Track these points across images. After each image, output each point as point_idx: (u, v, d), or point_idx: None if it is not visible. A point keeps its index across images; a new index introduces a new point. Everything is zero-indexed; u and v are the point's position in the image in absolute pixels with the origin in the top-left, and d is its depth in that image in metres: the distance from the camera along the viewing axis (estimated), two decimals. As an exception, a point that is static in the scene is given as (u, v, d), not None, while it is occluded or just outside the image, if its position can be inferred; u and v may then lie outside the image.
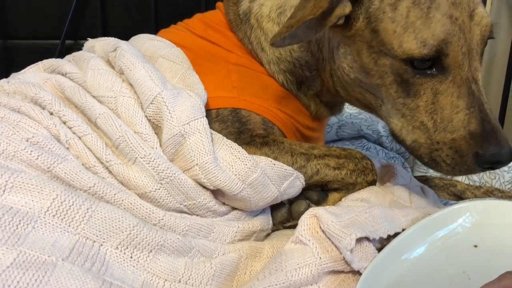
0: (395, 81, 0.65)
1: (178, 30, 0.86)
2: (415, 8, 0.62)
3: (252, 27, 0.80)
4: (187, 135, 0.61)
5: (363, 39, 0.66)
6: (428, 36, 0.61)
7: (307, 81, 0.79)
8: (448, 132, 0.62)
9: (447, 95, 0.63)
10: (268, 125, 0.75)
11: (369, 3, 0.65)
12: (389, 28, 0.63)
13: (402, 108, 0.66)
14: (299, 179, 0.69)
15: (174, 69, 0.73)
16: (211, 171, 0.61)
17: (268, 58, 0.79)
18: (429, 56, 0.61)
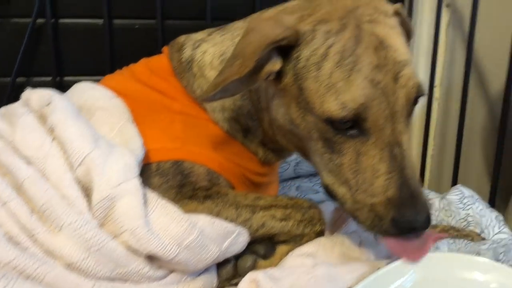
0: (320, 137, 0.64)
1: (122, 76, 0.83)
2: (338, 69, 0.60)
3: (195, 75, 0.78)
4: (117, 198, 0.58)
5: (291, 94, 0.65)
6: (348, 99, 0.59)
7: (251, 129, 0.78)
8: (368, 196, 0.61)
9: (368, 157, 0.61)
10: (213, 175, 0.73)
11: (296, 61, 0.64)
12: (312, 87, 0.62)
13: (329, 163, 0.64)
14: (242, 236, 0.66)
15: (112, 122, 0.70)
16: (143, 237, 0.58)
17: (212, 106, 0.77)
18: (347, 119, 0.60)
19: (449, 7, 1.38)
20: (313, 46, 0.62)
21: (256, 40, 0.61)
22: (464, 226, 0.97)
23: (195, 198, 0.68)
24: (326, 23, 0.63)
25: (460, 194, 1.01)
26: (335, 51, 0.61)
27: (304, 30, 0.63)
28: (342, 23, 0.63)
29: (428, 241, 0.63)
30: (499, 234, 0.95)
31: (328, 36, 0.62)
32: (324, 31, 0.62)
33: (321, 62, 0.61)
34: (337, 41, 0.61)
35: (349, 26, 0.62)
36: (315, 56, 0.62)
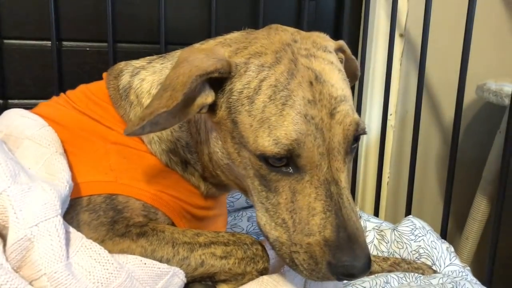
0: (256, 175, 0.61)
1: (58, 104, 0.79)
2: (271, 103, 0.58)
3: (132, 103, 0.74)
4: (35, 239, 0.53)
5: (226, 128, 0.63)
6: (280, 134, 0.57)
7: (190, 162, 0.74)
8: (304, 235, 0.58)
9: (304, 195, 0.59)
10: (150, 210, 0.69)
11: (230, 93, 0.61)
12: (246, 121, 0.60)
13: (266, 203, 0.62)
14: (178, 276, 0.62)
15: (39, 153, 0.65)
16: (62, 282, 0.52)
17: (149, 137, 0.73)
18: (281, 155, 0.58)
19: (402, 37, 1.41)
20: (246, 79, 0.60)
21: (186, 72, 0.58)
22: (416, 258, 0.95)
23: (127, 236, 0.63)
24: (260, 56, 0.62)
25: (412, 225, 1.00)
26: (268, 84, 0.59)
27: (237, 62, 0.61)
28: (277, 56, 0.61)
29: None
30: (450, 266, 0.94)
31: (261, 69, 0.60)
32: (258, 64, 0.61)
33: (254, 96, 0.59)
34: (271, 75, 0.60)
35: (284, 60, 0.61)
36: (248, 89, 0.60)
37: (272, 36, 0.64)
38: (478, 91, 1.24)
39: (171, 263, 0.63)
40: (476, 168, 1.39)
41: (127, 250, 0.62)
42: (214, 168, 0.71)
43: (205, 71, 0.58)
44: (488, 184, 1.29)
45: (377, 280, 0.82)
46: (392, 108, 1.43)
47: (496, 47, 1.34)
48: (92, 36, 1.29)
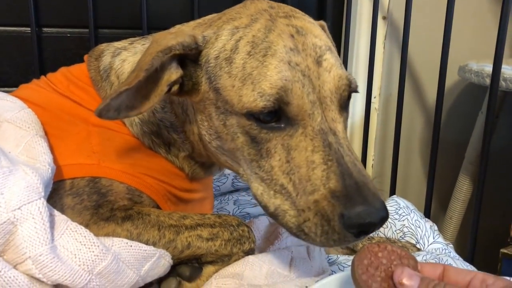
0: (246, 141, 0.59)
1: (38, 86, 0.77)
2: (251, 58, 0.57)
3: (112, 84, 0.73)
4: (18, 222, 0.53)
5: (210, 102, 0.62)
6: (265, 86, 0.55)
7: (176, 143, 0.73)
8: (309, 194, 0.53)
9: (300, 150, 0.55)
10: (135, 193, 0.68)
11: (207, 64, 0.61)
12: (227, 83, 0.58)
13: (259, 172, 0.59)
14: (164, 258, 0.62)
15: (19, 135, 0.64)
16: (47, 265, 0.52)
17: (129, 120, 0.72)
18: (269, 108, 0.55)
19: (385, 19, 1.41)
20: (219, 44, 0.60)
21: (153, 51, 0.58)
22: (400, 237, 0.97)
23: (112, 220, 0.63)
24: (234, 21, 0.61)
25: (396, 205, 1.01)
26: (245, 42, 0.58)
27: (204, 34, 0.61)
28: (252, 18, 0.61)
29: None
30: (434, 244, 0.96)
31: (235, 31, 0.60)
32: (230, 28, 0.60)
33: (232, 56, 0.58)
34: (247, 33, 0.59)
35: (260, 19, 0.60)
36: (225, 51, 0.59)
37: (248, 5, 0.64)
38: (460, 72, 1.25)
39: (157, 246, 0.63)
40: (459, 148, 1.41)
41: (112, 234, 0.62)
42: (205, 149, 0.70)
43: (166, 46, 0.57)
44: (471, 164, 1.31)
45: (363, 259, 0.84)
46: (376, 90, 1.43)
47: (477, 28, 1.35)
48: (73, 22, 1.27)
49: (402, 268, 0.48)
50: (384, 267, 0.49)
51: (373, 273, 0.48)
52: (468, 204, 1.37)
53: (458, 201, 1.37)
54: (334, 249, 0.91)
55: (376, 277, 0.48)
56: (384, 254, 0.49)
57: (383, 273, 0.48)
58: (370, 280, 0.48)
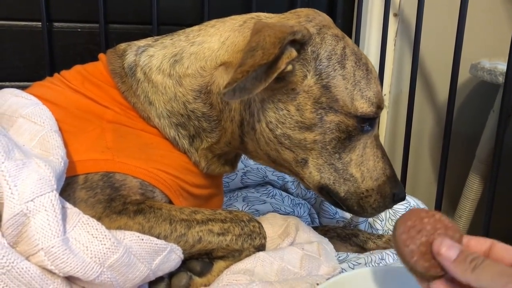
0: (338, 137, 0.69)
1: (52, 83, 0.77)
2: (358, 68, 0.68)
3: (139, 80, 0.74)
4: (31, 214, 0.53)
5: (310, 95, 0.67)
6: (371, 95, 0.68)
7: (203, 133, 0.75)
8: (374, 180, 0.71)
9: (371, 147, 0.71)
10: (148, 188, 0.68)
11: (318, 61, 0.67)
12: (341, 85, 0.67)
13: (337, 163, 0.70)
14: (175, 252, 0.62)
15: (34, 130, 0.64)
16: (59, 256, 0.52)
17: (157, 112, 0.74)
18: (374, 114, 0.69)
19: (396, 16, 1.40)
20: (329, 47, 0.68)
21: (273, 33, 0.61)
22: (410, 235, 0.96)
23: (125, 213, 0.63)
24: (330, 29, 0.70)
25: (406, 204, 1.00)
26: (349, 52, 0.69)
27: (312, 31, 0.68)
28: (339, 31, 0.71)
29: None
30: (444, 243, 0.95)
31: (337, 39, 0.69)
32: (332, 35, 0.69)
33: (343, 61, 0.68)
34: (347, 45, 0.70)
35: (345, 35, 0.71)
36: (336, 55, 0.68)
37: (321, 14, 0.73)
38: (472, 70, 1.24)
39: (168, 240, 0.63)
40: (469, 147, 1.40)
41: (124, 227, 0.62)
42: (244, 135, 0.74)
43: (292, 30, 0.62)
44: (481, 163, 1.30)
45: (372, 257, 0.83)
46: (386, 88, 1.43)
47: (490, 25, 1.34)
48: (83, 17, 1.27)
49: (443, 237, 0.47)
50: (426, 233, 0.48)
51: (413, 235, 0.48)
52: (478, 203, 1.36)
53: (468, 200, 1.35)
54: (344, 247, 0.91)
55: (415, 240, 0.47)
56: (430, 221, 0.49)
57: (424, 237, 0.48)
58: (409, 241, 0.47)
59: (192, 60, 0.73)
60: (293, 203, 1.05)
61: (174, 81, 0.74)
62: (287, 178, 1.11)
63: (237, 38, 0.72)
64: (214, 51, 0.73)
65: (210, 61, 0.72)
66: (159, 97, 0.74)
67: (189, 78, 0.73)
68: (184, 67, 0.73)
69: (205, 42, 0.74)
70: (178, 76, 0.74)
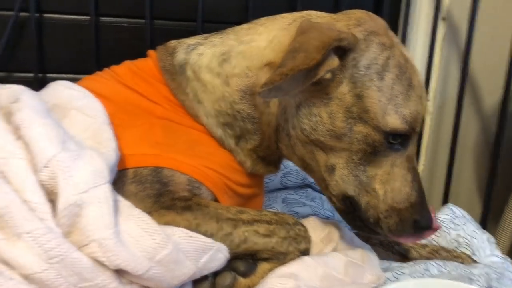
0: (364, 150, 0.65)
1: (103, 78, 0.78)
2: (399, 82, 0.64)
3: (188, 78, 0.74)
4: (85, 205, 0.53)
5: (342, 103, 0.65)
6: (406, 113, 0.64)
7: (247, 134, 0.75)
8: (395, 202, 0.66)
9: (401, 168, 0.67)
10: (195, 185, 0.68)
11: (355, 69, 0.64)
12: (374, 96, 0.63)
13: (361, 175, 0.67)
14: (221, 252, 0.61)
15: (86, 123, 0.65)
16: (111, 249, 0.52)
17: (205, 110, 0.73)
18: (408, 132, 0.65)
19: (444, 20, 1.36)
20: (371, 55, 0.64)
21: (318, 36, 0.60)
22: (455, 247, 0.93)
23: (173, 209, 0.63)
24: (378, 36, 0.66)
25: (452, 214, 0.97)
26: (393, 64, 0.65)
27: (358, 37, 0.65)
28: (390, 40, 0.67)
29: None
30: (491, 257, 0.91)
31: (383, 48, 0.65)
32: (378, 43, 0.66)
33: (383, 72, 0.64)
34: (393, 55, 0.65)
35: (396, 45, 0.67)
36: (377, 65, 0.64)
37: (374, 18, 0.69)
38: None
39: (215, 238, 0.62)
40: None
41: (172, 222, 0.62)
42: (279, 140, 0.73)
43: (338, 37, 0.60)
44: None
45: (417, 267, 0.81)
46: (430, 94, 1.39)
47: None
48: (130, 12, 1.29)
49: None
50: None
51: None
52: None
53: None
54: (386, 255, 0.88)
55: None
56: None
57: None
58: None
59: (240, 59, 0.73)
60: (332, 207, 1.04)
61: (222, 81, 0.73)
62: (327, 181, 1.09)
63: (284, 37, 0.70)
64: (260, 49, 0.72)
65: (256, 61, 0.72)
66: (207, 96, 0.74)
67: (235, 78, 0.73)
68: (231, 66, 0.73)
69: (253, 40, 0.73)
70: (226, 76, 0.73)
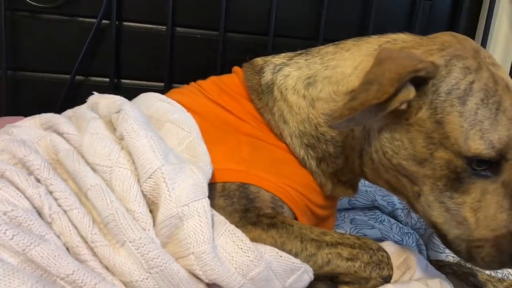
0: (448, 176, 0.63)
1: (191, 92, 0.81)
2: (484, 107, 0.61)
3: (276, 99, 0.75)
4: (185, 218, 0.55)
5: (422, 129, 0.63)
6: (494, 138, 0.60)
7: (329, 158, 0.74)
8: (490, 230, 0.63)
9: (494, 195, 0.63)
10: (278, 203, 0.69)
11: (435, 95, 0.63)
12: (456, 122, 0.61)
13: (448, 202, 0.64)
14: (307, 273, 0.61)
15: (181, 136, 0.67)
16: (208, 263, 0.53)
17: (290, 131, 0.74)
18: (495, 159, 0.61)
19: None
20: (452, 81, 0.63)
21: (394, 68, 0.59)
22: (535, 284, 0.88)
23: (259, 225, 0.64)
24: (462, 60, 0.64)
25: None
26: (478, 88, 0.62)
27: (438, 64, 0.63)
28: (477, 62, 0.64)
29: None
30: None
31: (467, 71, 0.63)
32: (462, 67, 0.63)
33: (465, 97, 0.62)
34: (478, 79, 0.63)
35: (484, 66, 0.64)
36: (458, 90, 0.62)
37: (462, 41, 0.67)
38: None
39: (299, 258, 0.63)
40: None
41: (258, 239, 0.63)
42: (363, 164, 0.72)
43: (414, 68, 0.59)
44: None
45: (495, 303, 0.78)
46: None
47: None
48: (204, 24, 1.32)
49: None
50: None
51: None
52: None
53: None
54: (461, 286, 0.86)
55: None
56: None
57: None
58: None
59: (325, 84, 0.73)
60: (401, 231, 1.02)
61: (307, 103, 0.74)
62: (397, 205, 1.07)
63: (369, 63, 0.69)
64: (346, 76, 0.72)
65: (341, 86, 0.72)
66: (293, 117, 0.74)
67: (321, 101, 0.73)
68: (317, 90, 0.73)
69: (339, 66, 0.73)
70: (311, 99, 0.74)
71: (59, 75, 1.31)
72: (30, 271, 0.48)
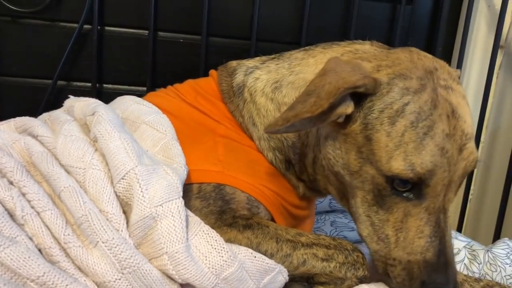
0: (373, 191, 0.63)
1: (167, 95, 0.81)
2: (412, 130, 0.59)
3: (245, 101, 0.76)
4: (159, 218, 0.55)
5: (354, 142, 0.63)
6: (416, 162, 0.59)
7: (293, 162, 0.75)
8: (406, 253, 0.62)
9: (416, 218, 0.61)
10: (254, 204, 0.69)
11: (369, 111, 0.62)
12: (382, 140, 0.60)
13: (373, 217, 0.64)
14: (282, 274, 0.62)
15: (156, 137, 0.67)
16: (181, 262, 0.54)
17: (259, 134, 0.75)
18: (413, 181, 0.60)
19: (502, 48, 1.33)
20: (388, 99, 0.61)
21: (334, 82, 0.59)
22: (510, 283, 0.90)
23: (235, 227, 0.64)
24: (405, 80, 0.62)
25: (507, 249, 0.94)
26: (411, 110, 0.60)
27: (381, 81, 0.62)
28: (421, 83, 0.62)
29: None
30: (550, 296, 0.88)
31: (405, 92, 0.61)
32: (402, 87, 0.62)
33: (395, 118, 0.60)
34: (414, 101, 0.61)
35: (427, 88, 0.62)
36: (390, 110, 0.61)
37: (415, 60, 0.65)
38: None
39: (274, 259, 0.63)
40: None
41: (234, 240, 0.63)
42: (315, 173, 0.72)
43: (353, 84, 0.59)
44: None
45: (471, 301, 0.78)
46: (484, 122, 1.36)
47: None
48: (187, 28, 1.33)
49: None
50: None
51: None
52: None
53: None
54: None
55: None
56: None
57: None
58: None
59: (289, 89, 0.74)
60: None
61: (275, 106, 0.75)
62: (377, 206, 1.08)
63: None
64: (306, 82, 0.71)
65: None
66: (260, 119, 0.75)
67: (285, 106, 0.73)
68: (282, 94, 0.75)
69: (302, 72, 0.75)
70: (278, 103, 0.75)
71: (41, 80, 1.30)
72: (0, 274, 0.47)
